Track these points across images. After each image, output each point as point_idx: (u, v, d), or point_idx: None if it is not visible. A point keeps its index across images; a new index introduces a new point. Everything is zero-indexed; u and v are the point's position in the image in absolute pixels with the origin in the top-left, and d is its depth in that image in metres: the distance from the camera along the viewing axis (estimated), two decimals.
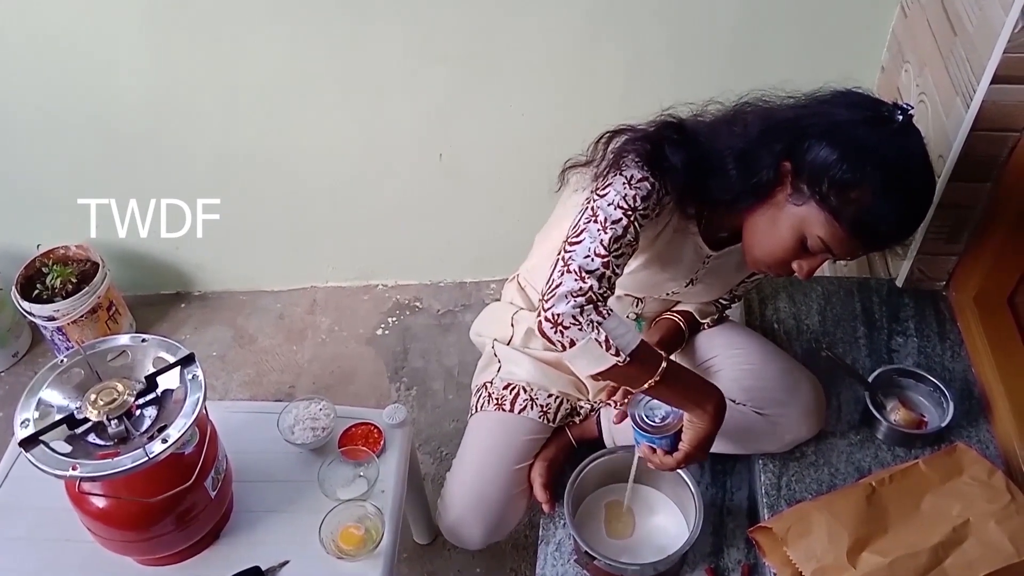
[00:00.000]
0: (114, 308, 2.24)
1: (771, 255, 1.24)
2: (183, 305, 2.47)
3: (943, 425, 1.49)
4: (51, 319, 2.11)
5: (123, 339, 1.34)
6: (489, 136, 2.13)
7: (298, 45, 1.95)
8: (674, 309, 1.55)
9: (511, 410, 1.52)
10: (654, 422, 1.30)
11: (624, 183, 1.20)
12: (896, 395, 1.57)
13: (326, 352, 2.33)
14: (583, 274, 1.16)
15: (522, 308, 1.61)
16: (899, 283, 1.80)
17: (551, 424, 1.54)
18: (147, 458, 1.17)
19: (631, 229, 1.19)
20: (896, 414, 1.52)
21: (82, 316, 2.13)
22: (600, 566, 1.37)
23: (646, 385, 1.20)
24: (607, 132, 1.28)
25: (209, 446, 1.32)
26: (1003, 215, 1.58)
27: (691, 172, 1.20)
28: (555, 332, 1.16)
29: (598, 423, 1.56)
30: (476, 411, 1.57)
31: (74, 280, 2.15)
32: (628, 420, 1.32)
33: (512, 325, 1.60)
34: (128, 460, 1.17)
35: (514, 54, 1.97)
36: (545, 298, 1.17)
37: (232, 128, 2.10)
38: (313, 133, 2.12)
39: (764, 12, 1.90)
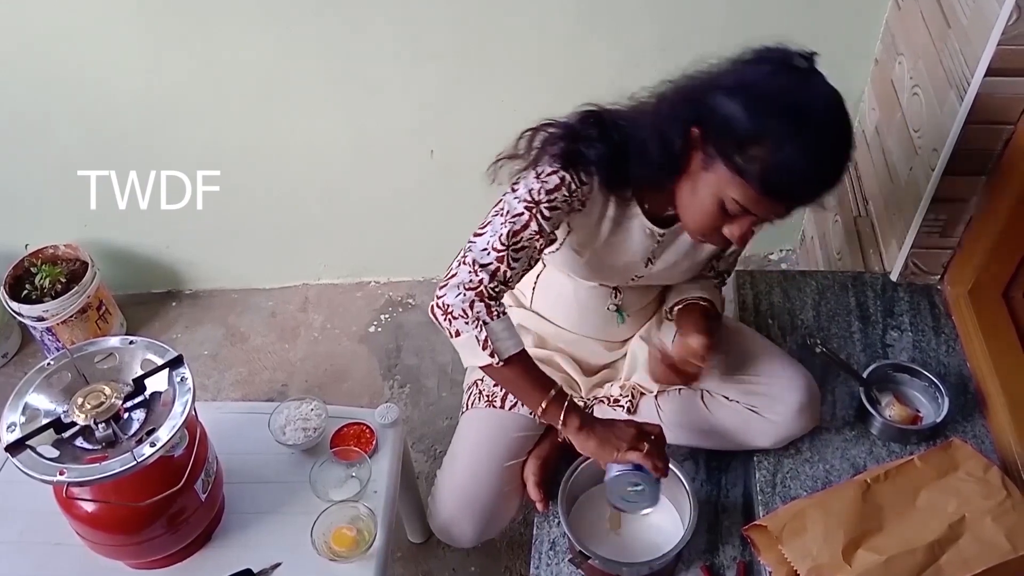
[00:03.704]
0: (104, 308, 2.22)
1: (700, 224, 1.23)
2: (174, 304, 2.46)
3: (938, 420, 1.49)
4: (40, 319, 2.10)
5: (111, 341, 1.33)
6: (481, 132, 2.09)
7: (289, 43, 1.93)
8: (685, 301, 1.51)
9: (502, 407, 1.52)
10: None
11: (535, 177, 1.23)
12: (891, 390, 1.56)
13: (319, 350, 2.31)
14: (476, 267, 1.22)
15: (511, 306, 1.60)
16: (893, 277, 1.79)
17: (542, 420, 1.53)
18: (135, 462, 1.16)
19: (533, 223, 1.22)
20: (891, 409, 1.52)
21: (72, 316, 2.11)
22: (595, 565, 1.36)
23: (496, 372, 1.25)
24: (529, 128, 1.29)
25: (199, 448, 1.31)
26: (998, 208, 1.57)
27: (611, 161, 1.22)
28: (444, 319, 1.22)
29: None
30: (467, 408, 1.56)
31: (63, 280, 2.14)
32: None
33: None
34: (116, 464, 1.16)
35: (506, 50, 1.96)
36: (440, 285, 1.23)
37: (222, 125, 2.09)
38: (304, 130, 2.10)
39: (756, 4, 1.89)
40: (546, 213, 1.23)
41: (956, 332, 1.69)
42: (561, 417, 1.27)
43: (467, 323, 1.20)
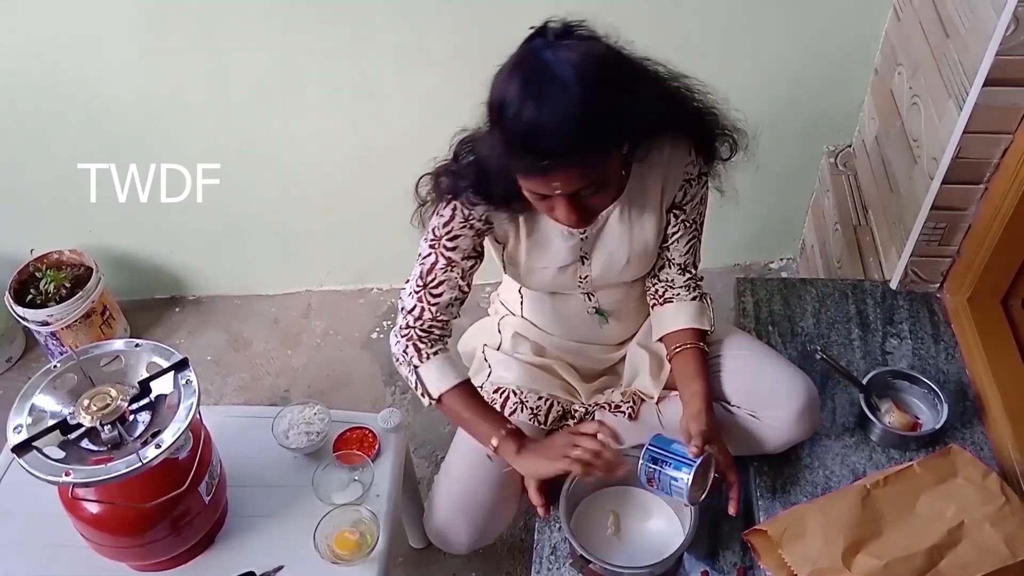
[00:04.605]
0: (108, 313, 2.24)
1: (545, 214, 1.23)
2: (177, 309, 2.47)
3: (937, 427, 1.50)
4: (45, 324, 2.11)
5: (116, 344, 1.34)
6: None
7: (291, 46, 1.95)
8: (670, 332, 1.49)
9: (501, 412, 1.52)
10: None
11: (434, 215, 1.32)
12: (890, 397, 1.57)
13: (321, 356, 2.32)
14: (404, 312, 1.36)
15: (509, 313, 1.61)
16: (893, 285, 1.80)
17: (542, 426, 1.53)
18: (140, 464, 1.17)
19: (440, 258, 1.32)
20: (890, 416, 1.53)
21: (76, 321, 2.13)
22: (596, 570, 1.36)
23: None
24: (423, 175, 1.34)
25: (203, 451, 1.32)
26: (996, 217, 1.58)
27: (484, 181, 1.24)
28: (398, 366, 1.38)
29: None
30: None
31: (68, 285, 2.15)
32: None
33: (499, 331, 1.60)
34: (122, 466, 1.17)
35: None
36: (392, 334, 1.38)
37: (224, 132, 2.10)
38: (307, 136, 2.12)
39: (756, 14, 1.90)
40: (448, 245, 1.31)
41: (955, 340, 1.70)
42: (494, 444, 1.34)
43: (404, 367, 1.37)
